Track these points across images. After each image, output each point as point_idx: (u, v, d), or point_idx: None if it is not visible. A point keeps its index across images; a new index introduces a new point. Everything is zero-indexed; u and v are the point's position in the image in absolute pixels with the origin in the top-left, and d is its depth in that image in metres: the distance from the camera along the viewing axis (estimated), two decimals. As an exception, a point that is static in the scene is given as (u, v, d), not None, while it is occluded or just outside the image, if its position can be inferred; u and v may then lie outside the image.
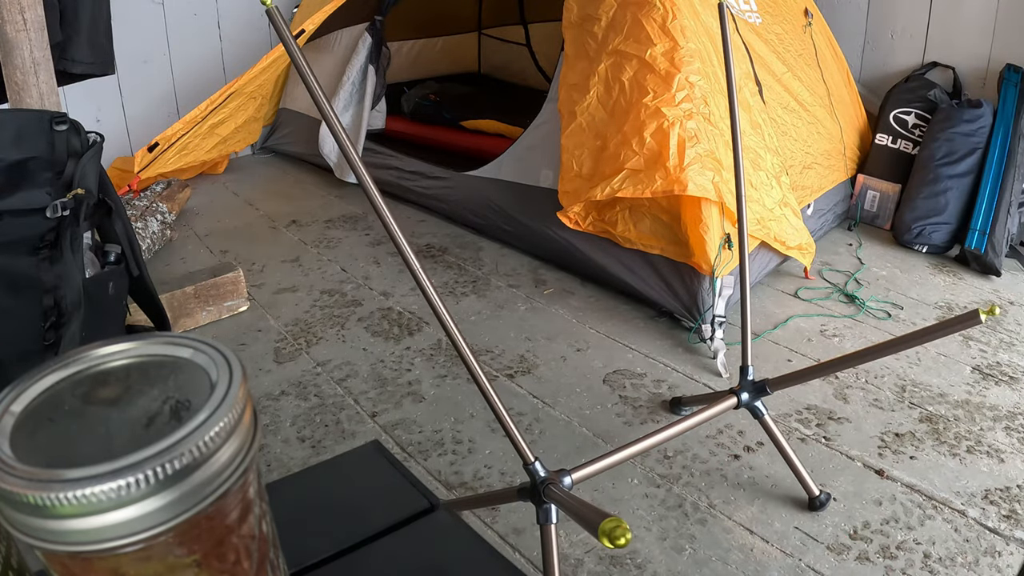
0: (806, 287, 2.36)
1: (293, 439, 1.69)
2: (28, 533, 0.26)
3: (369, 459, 0.63)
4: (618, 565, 1.37)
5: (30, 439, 0.27)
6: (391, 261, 2.53)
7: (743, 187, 1.52)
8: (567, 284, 2.38)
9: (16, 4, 1.48)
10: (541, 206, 2.32)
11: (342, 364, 1.97)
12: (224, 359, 0.30)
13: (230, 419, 0.27)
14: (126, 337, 0.31)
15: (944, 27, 2.91)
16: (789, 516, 1.48)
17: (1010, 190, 2.48)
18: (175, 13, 3.22)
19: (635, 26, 2.00)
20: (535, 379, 1.91)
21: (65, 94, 1.86)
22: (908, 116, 2.77)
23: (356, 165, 1.08)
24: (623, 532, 0.76)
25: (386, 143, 3.08)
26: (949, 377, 1.92)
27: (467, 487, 1.56)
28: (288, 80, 3.41)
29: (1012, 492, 1.54)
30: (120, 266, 1.36)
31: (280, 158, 3.56)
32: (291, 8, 3.16)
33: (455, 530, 0.55)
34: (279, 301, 2.29)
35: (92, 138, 1.32)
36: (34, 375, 0.30)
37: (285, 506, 0.53)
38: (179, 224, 2.80)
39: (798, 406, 1.80)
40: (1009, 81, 2.65)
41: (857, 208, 2.81)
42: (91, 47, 1.71)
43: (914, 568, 1.36)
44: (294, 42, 1.07)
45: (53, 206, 1.22)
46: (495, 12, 4.23)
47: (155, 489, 0.25)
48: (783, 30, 2.53)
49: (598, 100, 2.06)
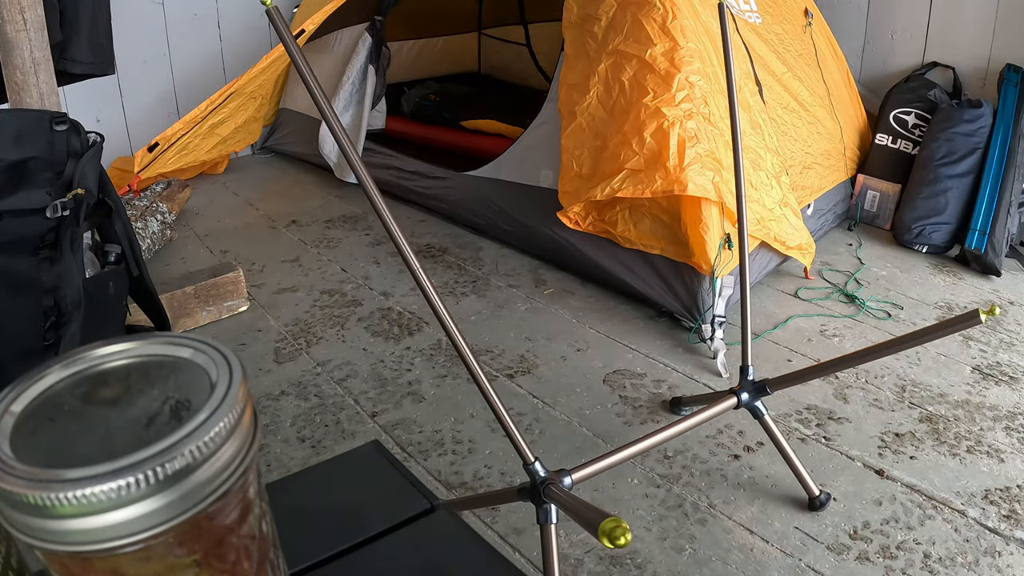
0: (806, 287, 2.36)
1: (293, 439, 1.69)
2: (28, 533, 0.26)
3: (369, 459, 0.63)
4: (618, 565, 1.37)
5: (30, 439, 0.27)
6: (391, 261, 2.53)
7: (743, 187, 1.52)
8: (567, 284, 2.38)
9: (16, 4, 1.48)
10: (541, 206, 2.32)
11: (342, 364, 1.97)
12: (224, 359, 0.30)
13: (230, 419, 0.27)
14: (126, 337, 0.31)
15: (944, 27, 2.91)
16: (789, 516, 1.48)
17: (1010, 190, 2.48)
18: (175, 13, 3.22)
19: (635, 26, 2.00)
20: (535, 379, 1.91)
21: (65, 94, 1.86)
22: (908, 116, 2.77)
23: (356, 165, 1.08)
24: (623, 532, 0.76)
25: (386, 143, 3.08)
26: (949, 377, 1.92)
27: (467, 487, 1.56)
28: (288, 80, 3.41)
29: (1012, 492, 1.54)
30: (120, 266, 1.36)
31: (280, 158, 3.56)
32: (291, 8, 3.16)
33: (455, 530, 0.55)
34: (279, 301, 2.29)
35: (92, 138, 1.32)
36: (34, 375, 0.30)
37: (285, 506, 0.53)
38: (179, 224, 2.80)
39: (798, 406, 1.80)
40: (1009, 81, 2.65)
41: (857, 208, 2.81)
42: (91, 47, 1.71)
43: (914, 568, 1.36)
44: (294, 42, 1.07)
45: (53, 206, 1.22)
46: (495, 12, 4.23)
47: (155, 489, 0.25)
48: (783, 30, 2.53)
49: (598, 100, 2.06)
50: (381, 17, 3.06)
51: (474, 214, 2.68)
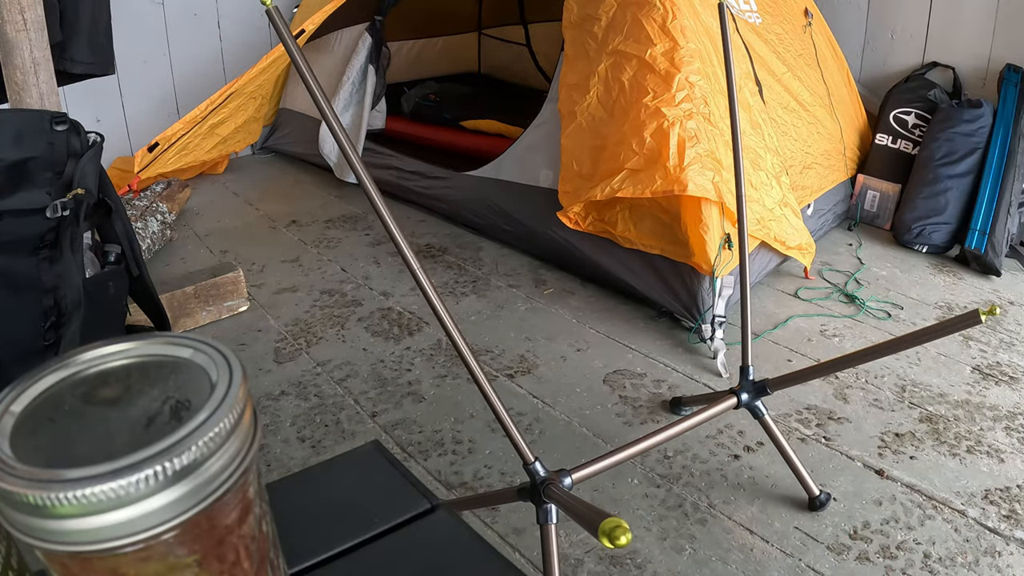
0: (806, 287, 2.36)
1: (293, 439, 1.69)
2: (28, 533, 0.26)
3: (369, 459, 0.63)
4: (618, 565, 1.37)
5: (30, 439, 0.27)
6: (391, 261, 2.53)
7: (743, 187, 1.52)
8: (567, 284, 2.38)
9: (16, 4, 1.48)
10: (541, 206, 2.32)
11: (342, 364, 1.97)
12: (224, 359, 0.30)
13: (230, 419, 0.27)
14: (126, 337, 0.31)
15: (944, 27, 2.91)
16: (789, 516, 1.48)
17: (1010, 190, 2.48)
18: (175, 13, 3.22)
19: (635, 26, 2.00)
20: (535, 379, 1.91)
21: (65, 94, 1.86)
22: (908, 116, 2.77)
23: (356, 165, 1.08)
24: (623, 532, 0.75)
25: (386, 143, 3.08)
26: (949, 377, 1.92)
27: (467, 487, 1.56)
28: (288, 80, 3.41)
29: (1012, 492, 1.54)
30: (120, 266, 1.36)
31: (280, 158, 3.56)
32: (291, 8, 3.16)
33: (455, 530, 0.55)
34: (279, 301, 2.29)
35: (92, 138, 1.32)
36: (34, 375, 0.30)
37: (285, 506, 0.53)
38: (179, 224, 2.80)
39: (798, 406, 1.80)
40: (1009, 81, 2.65)
41: (857, 208, 2.81)
42: (91, 47, 1.71)
43: (914, 568, 1.36)
44: (294, 42, 1.07)
45: (53, 206, 1.22)
46: (495, 12, 4.23)
47: (155, 489, 0.25)
48: (783, 30, 2.53)
49: (598, 100, 2.06)
50: (381, 17, 3.06)
51: (474, 214, 2.68)
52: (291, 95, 3.42)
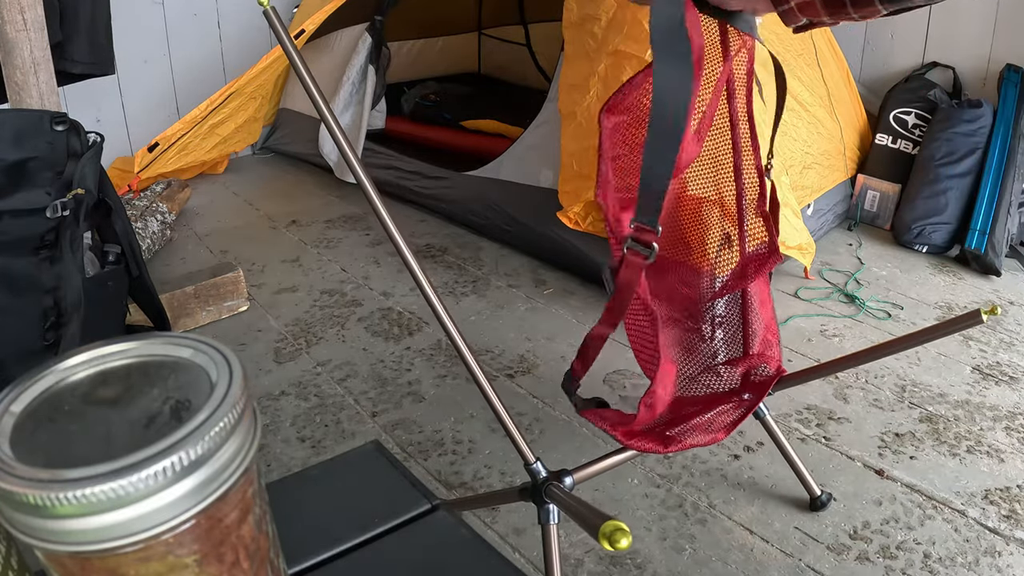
0: (806, 287, 2.36)
1: (293, 439, 1.69)
2: (28, 533, 0.26)
3: (369, 459, 0.63)
4: (618, 565, 1.37)
5: (30, 439, 0.27)
6: (391, 261, 2.53)
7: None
8: (567, 284, 2.38)
9: (16, 4, 1.48)
10: (541, 206, 2.32)
11: (342, 364, 1.97)
12: (224, 359, 0.30)
13: (230, 419, 0.27)
14: (126, 337, 0.31)
15: (944, 27, 2.91)
16: (789, 516, 1.48)
17: (1010, 190, 2.48)
18: (175, 13, 3.22)
19: (635, 26, 1.99)
20: (535, 379, 1.91)
21: (65, 94, 1.86)
22: (908, 116, 2.77)
23: (354, 165, 1.08)
24: (623, 535, 0.75)
25: (386, 143, 3.08)
26: (949, 377, 1.91)
27: (467, 487, 1.56)
28: (288, 80, 3.41)
29: (1012, 492, 1.54)
30: (120, 266, 1.36)
31: (280, 158, 3.56)
32: (291, 8, 3.16)
33: (455, 530, 0.55)
34: (279, 301, 2.29)
35: (92, 138, 1.32)
36: (34, 375, 0.30)
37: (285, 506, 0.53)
38: (179, 224, 2.80)
39: (798, 406, 1.80)
40: (1009, 81, 2.65)
41: (857, 208, 2.81)
42: (91, 47, 1.71)
43: (914, 568, 1.36)
44: (292, 43, 1.07)
45: (53, 206, 1.22)
46: (495, 12, 4.23)
47: (155, 489, 0.25)
48: (783, 30, 2.53)
49: (598, 100, 2.06)
50: (381, 17, 3.06)
51: (474, 214, 2.68)
52: (291, 95, 3.42)
